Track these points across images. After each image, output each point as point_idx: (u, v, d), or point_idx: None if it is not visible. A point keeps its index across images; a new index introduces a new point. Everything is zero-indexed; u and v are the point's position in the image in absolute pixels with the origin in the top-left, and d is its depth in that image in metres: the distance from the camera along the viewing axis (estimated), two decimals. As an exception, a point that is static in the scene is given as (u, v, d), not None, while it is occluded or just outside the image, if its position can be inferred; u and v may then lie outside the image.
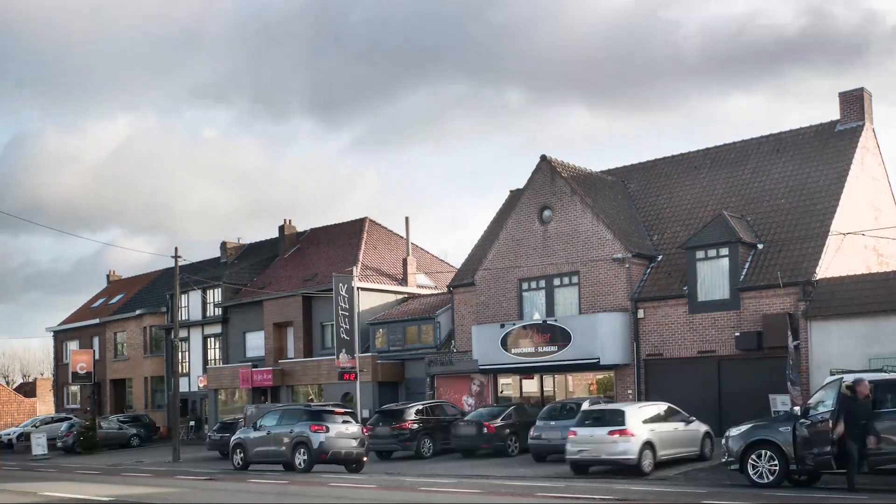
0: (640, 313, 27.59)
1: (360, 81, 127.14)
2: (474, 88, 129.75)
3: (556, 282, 29.46)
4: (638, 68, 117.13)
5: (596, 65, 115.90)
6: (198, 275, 46.32)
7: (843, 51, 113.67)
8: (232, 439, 27.57)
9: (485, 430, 26.27)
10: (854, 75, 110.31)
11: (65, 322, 60.17)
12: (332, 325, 36.16)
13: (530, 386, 31.04)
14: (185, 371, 47.66)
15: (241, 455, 26.28)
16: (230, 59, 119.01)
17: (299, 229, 48.57)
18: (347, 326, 34.24)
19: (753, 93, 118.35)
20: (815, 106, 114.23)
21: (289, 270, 44.92)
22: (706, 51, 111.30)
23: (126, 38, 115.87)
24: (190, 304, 48.10)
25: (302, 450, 24.47)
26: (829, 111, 75.44)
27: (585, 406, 22.98)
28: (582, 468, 20.75)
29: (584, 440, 20.23)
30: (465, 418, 27.83)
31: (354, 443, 24.92)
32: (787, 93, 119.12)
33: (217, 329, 46.84)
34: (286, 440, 24.92)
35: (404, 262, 41.71)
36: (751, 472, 16.28)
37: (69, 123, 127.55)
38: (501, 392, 31.71)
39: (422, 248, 45.70)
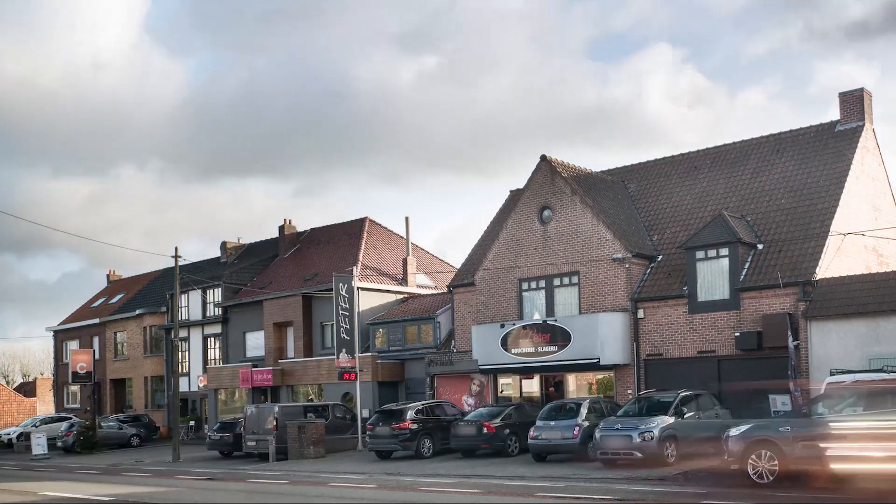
0: (640, 313, 27.59)
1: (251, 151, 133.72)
2: (352, 156, 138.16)
3: (556, 282, 29.47)
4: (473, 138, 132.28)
5: (437, 135, 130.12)
6: (198, 275, 46.38)
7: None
8: None
9: (485, 430, 26.26)
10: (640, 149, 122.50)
11: (65, 322, 60.16)
12: (332, 324, 36.16)
13: (530, 386, 31.05)
14: (185, 371, 47.71)
15: None
16: (152, 135, 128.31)
17: (299, 229, 48.60)
18: (347, 326, 34.23)
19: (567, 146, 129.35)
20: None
21: (289, 270, 44.93)
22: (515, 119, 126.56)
23: (57, 113, 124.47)
24: (190, 304, 48.12)
25: None
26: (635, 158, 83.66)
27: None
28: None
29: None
30: (465, 418, 27.81)
31: None
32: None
33: (217, 329, 46.85)
34: None
35: (404, 261, 41.73)
36: (751, 472, 16.28)
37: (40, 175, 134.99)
38: (501, 392, 31.71)
39: (422, 248, 45.73)
